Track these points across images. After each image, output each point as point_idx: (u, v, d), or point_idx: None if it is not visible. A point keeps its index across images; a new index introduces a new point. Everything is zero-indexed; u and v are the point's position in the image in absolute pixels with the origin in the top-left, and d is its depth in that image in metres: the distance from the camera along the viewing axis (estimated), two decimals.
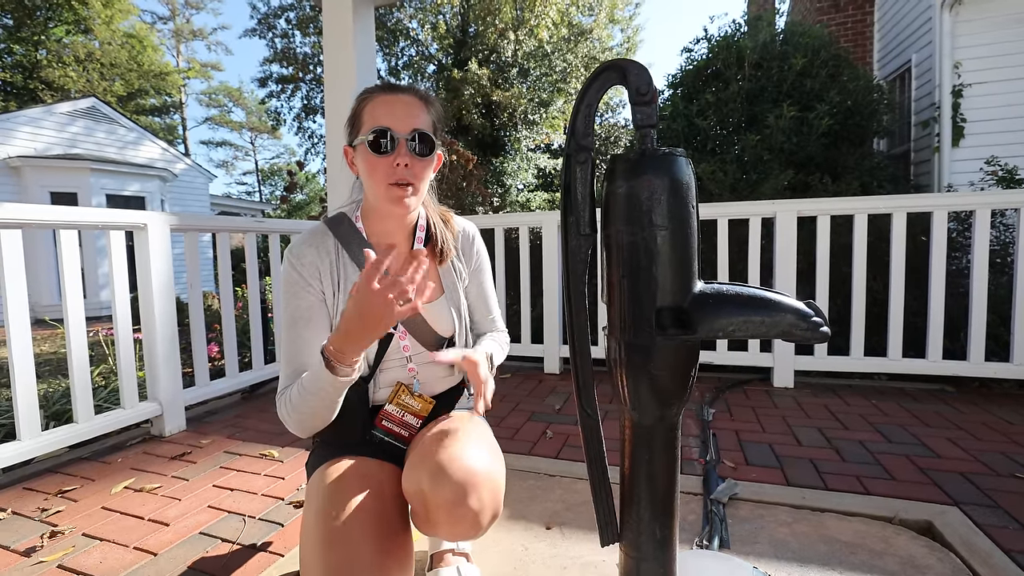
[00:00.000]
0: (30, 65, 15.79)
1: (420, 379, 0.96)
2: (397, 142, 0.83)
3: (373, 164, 0.84)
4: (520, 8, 11.61)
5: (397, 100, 0.86)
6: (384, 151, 0.83)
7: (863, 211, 2.37)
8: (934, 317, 2.29)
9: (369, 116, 0.86)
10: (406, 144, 0.84)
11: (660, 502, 0.71)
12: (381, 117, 0.84)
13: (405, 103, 0.86)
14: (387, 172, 0.84)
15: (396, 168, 0.84)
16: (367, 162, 0.85)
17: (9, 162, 7.96)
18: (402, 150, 0.84)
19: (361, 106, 0.88)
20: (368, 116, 0.86)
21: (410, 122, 0.85)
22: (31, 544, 1.26)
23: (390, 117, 0.84)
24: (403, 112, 0.85)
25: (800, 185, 3.44)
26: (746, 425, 1.95)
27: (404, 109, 0.85)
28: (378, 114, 0.85)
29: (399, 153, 0.84)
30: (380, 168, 0.84)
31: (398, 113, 0.85)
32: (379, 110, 0.85)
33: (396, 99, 0.86)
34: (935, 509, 1.29)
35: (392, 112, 0.85)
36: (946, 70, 4.13)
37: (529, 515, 1.32)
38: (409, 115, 0.85)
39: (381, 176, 0.84)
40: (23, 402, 1.63)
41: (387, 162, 0.84)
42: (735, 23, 4.44)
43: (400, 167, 0.84)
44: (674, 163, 0.65)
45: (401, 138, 0.84)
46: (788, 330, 0.64)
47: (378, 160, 0.84)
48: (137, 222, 1.96)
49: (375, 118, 0.85)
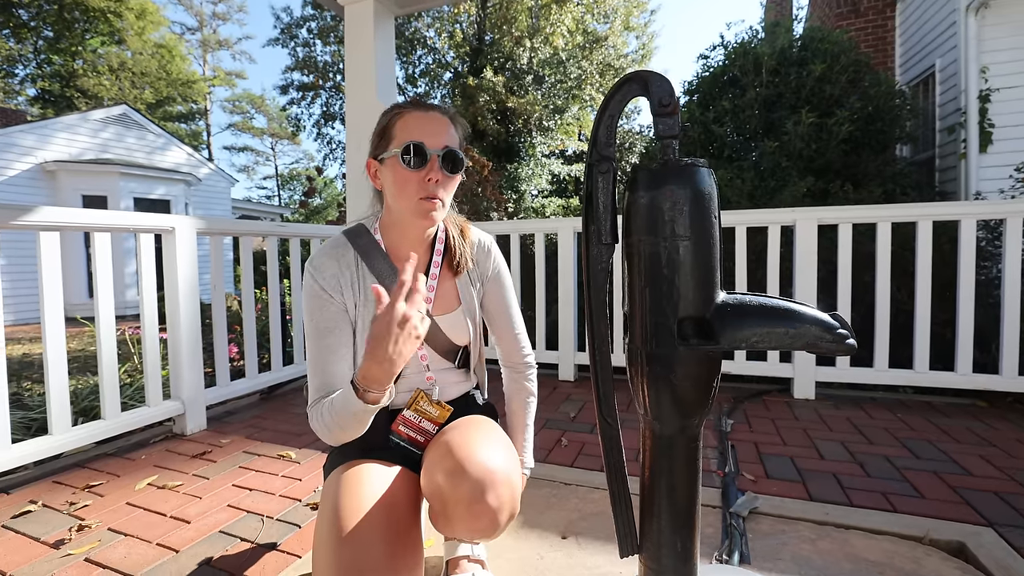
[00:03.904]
0: (67, 74, 16.45)
1: (437, 386, 0.97)
2: (429, 158, 0.85)
3: (405, 178, 0.85)
4: (536, 16, 11.70)
5: (428, 117, 0.88)
6: (417, 166, 0.85)
7: (887, 219, 2.32)
8: (963, 329, 2.23)
9: (401, 131, 0.87)
10: (438, 160, 0.85)
11: (681, 514, 0.71)
12: (414, 132, 0.86)
13: (436, 120, 0.88)
14: (419, 187, 0.85)
15: (427, 183, 0.85)
16: (398, 175, 0.86)
17: (45, 166, 8.29)
18: (434, 166, 0.85)
19: (392, 121, 0.89)
20: (400, 131, 0.87)
21: (441, 139, 0.87)
22: (60, 537, 1.29)
23: (423, 133, 0.86)
24: (434, 129, 0.87)
25: (819, 192, 3.38)
26: (766, 437, 1.92)
27: (435, 126, 0.87)
28: (411, 129, 0.86)
29: (431, 169, 0.85)
30: (412, 182, 0.85)
31: (430, 129, 0.86)
32: (412, 125, 0.87)
33: (428, 116, 0.88)
34: (968, 529, 1.24)
35: (424, 128, 0.86)
36: (972, 75, 4.03)
37: (544, 523, 1.32)
38: (440, 132, 0.87)
39: (412, 190, 0.86)
40: (56, 398, 1.68)
41: (419, 177, 0.85)
42: (752, 29, 4.41)
43: (431, 182, 0.85)
44: (696, 174, 0.65)
45: (433, 154, 0.85)
46: (813, 342, 0.63)
47: (410, 174, 0.85)
48: (166, 225, 2.02)
49: (408, 133, 0.86)
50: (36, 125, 8.49)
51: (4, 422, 1.56)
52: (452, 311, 0.98)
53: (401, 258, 0.95)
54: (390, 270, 0.92)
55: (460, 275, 0.99)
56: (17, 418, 2.04)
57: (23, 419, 2.07)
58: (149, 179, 9.18)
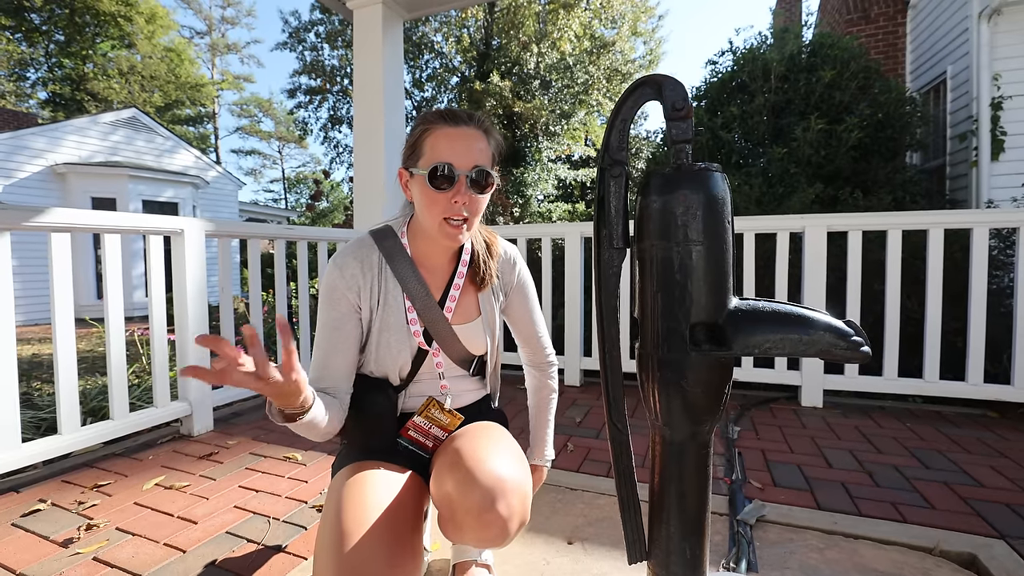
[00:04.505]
0: (78, 78, 16.68)
1: (451, 394, 0.97)
2: (457, 179, 0.82)
3: (432, 198, 0.84)
4: (543, 21, 11.75)
5: (460, 134, 0.84)
6: (443, 188, 0.83)
7: (897, 227, 2.30)
8: (974, 338, 2.20)
9: (430, 148, 0.84)
10: (466, 181, 0.83)
11: (691, 521, 0.70)
12: (443, 152, 0.83)
13: (467, 136, 0.84)
14: (445, 208, 0.84)
15: (454, 205, 0.83)
16: (425, 195, 0.84)
17: (56, 168, 8.39)
18: (461, 187, 0.83)
19: (422, 136, 0.86)
20: (429, 148, 0.84)
21: (471, 158, 0.83)
22: (68, 536, 1.30)
23: (452, 152, 0.83)
24: (464, 147, 0.83)
25: (828, 199, 3.36)
26: (773, 445, 1.90)
27: (465, 144, 0.84)
28: (440, 148, 0.83)
29: (458, 190, 0.83)
30: (439, 203, 0.84)
31: (460, 148, 0.83)
32: (441, 144, 0.83)
33: (459, 132, 0.84)
34: (979, 541, 1.23)
35: (454, 146, 0.83)
36: (984, 82, 4.01)
37: (550, 529, 1.31)
38: (471, 150, 0.84)
39: (438, 211, 0.84)
40: (65, 398, 1.70)
41: (445, 198, 0.83)
42: (761, 35, 4.42)
43: (458, 204, 0.83)
44: (710, 179, 0.65)
45: (461, 175, 0.82)
46: (827, 349, 0.62)
47: (437, 195, 0.83)
48: (175, 227, 2.04)
49: (437, 152, 0.83)
50: (47, 128, 8.60)
51: (14, 421, 1.57)
52: (471, 321, 0.97)
53: (426, 265, 0.94)
54: (413, 276, 0.92)
55: (483, 290, 0.98)
56: (27, 418, 2.06)
57: (33, 419, 2.08)
58: (158, 182, 9.28)
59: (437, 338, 0.93)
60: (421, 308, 0.91)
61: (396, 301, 0.92)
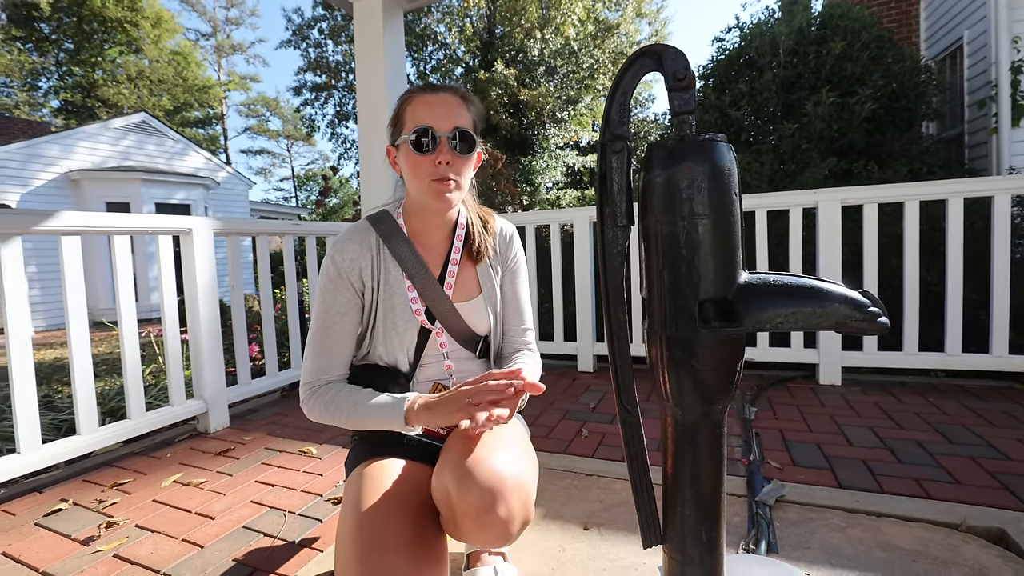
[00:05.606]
0: (88, 85, 16.91)
1: (456, 375, 0.96)
2: (439, 140, 0.85)
3: (416, 162, 0.86)
4: (546, 7, 11.56)
5: (438, 99, 0.87)
6: (426, 150, 0.85)
7: (914, 197, 2.23)
8: (998, 309, 2.13)
9: (411, 116, 0.87)
10: (448, 142, 0.85)
11: (706, 503, 0.68)
12: (423, 116, 0.86)
13: (446, 102, 0.87)
14: (429, 170, 0.86)
15: (438, 166, 0.85)
16: (410, 160, 0.87)
17: (69, 175, 8.53)
18: (444, 148, 0.85)
19: (403, 106, 0.90)
20: (410, 116, 0.88)
21: (451, 120, 0.86)
22: (90, 534, 1.33)
23: (431, 116, 0.86)
24: (444, 111, 0.86)
25: (842, 173, 3.27)
26: (791, 424, 1.87)
27: (445, 108, 0.87)
28: (420, 113, 0.86)
29: (441, 151, 0.85)
30: (423, 166, 0.86)
31: (439, 112, 0.86)
32: (420, 109, 0.87)
33: (437, 98, 0.87)
34: (1008, 516, 1.19)
35: (433, 111, 0.86)
36: (1003, 45, 3.84)
37: (566, 515, 1.30)
38: (450, 113, 0.87)
39: (424, 173, 0.86)
40: (82, 398, 1.73)
41: (429, 160, 0.85)
42: (768, 9, 4.28)
43: (442, 165, 0.85)
44: (715, 149, 0.62)
45: (443, 136, 0.85)
46: (842, 321, 0.59)
47: (421, 158, 0.85)
48: (182, 227, 2.05)
49: (417, 117, 0.86)
50: (60, 135, 8.73)
51: (35, 423, 1.61)
52: (472, 298, 0.97)
53: (423, 243, 0.95)
54: (411, 254, 0.92)
55: (480, 263, 0.98)
56: (48, 419, 2.11)
57: (53, 420, 2.13)
58: (169, 184, 9.38)
59: (439, 316, 0.93)
60: (421, 286, 0.92)
61: (397, 280, 0.93)
